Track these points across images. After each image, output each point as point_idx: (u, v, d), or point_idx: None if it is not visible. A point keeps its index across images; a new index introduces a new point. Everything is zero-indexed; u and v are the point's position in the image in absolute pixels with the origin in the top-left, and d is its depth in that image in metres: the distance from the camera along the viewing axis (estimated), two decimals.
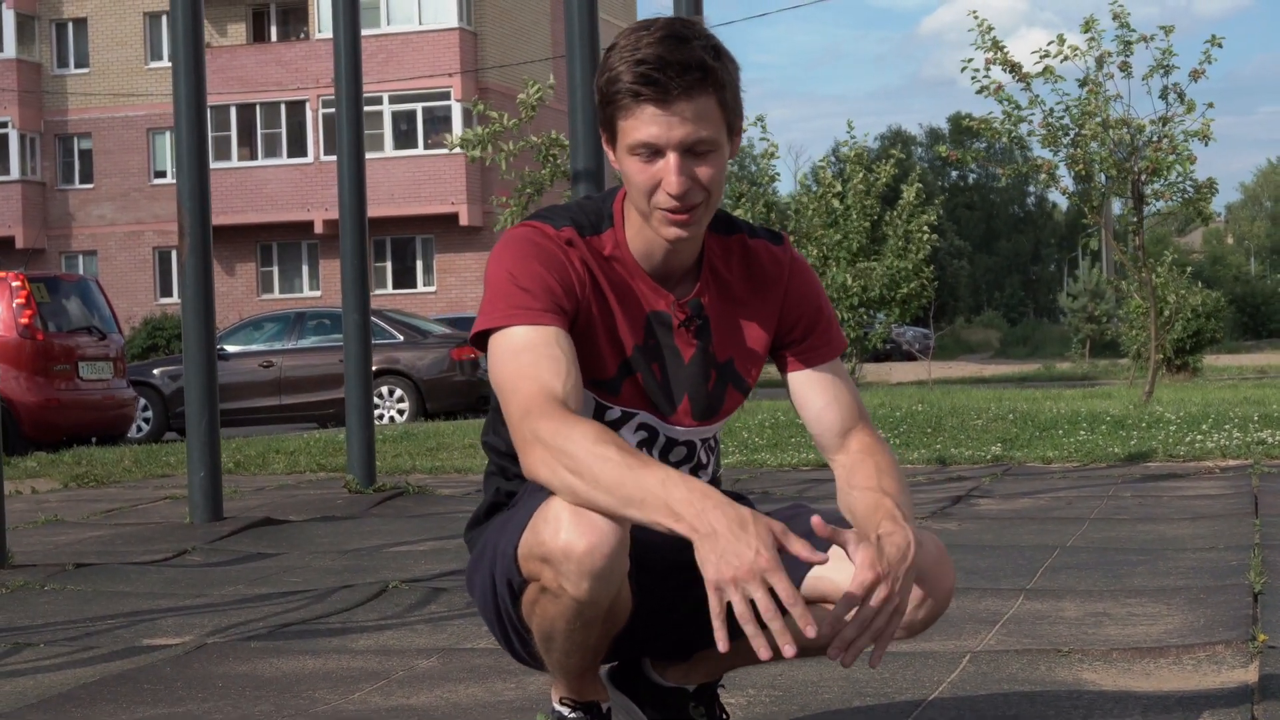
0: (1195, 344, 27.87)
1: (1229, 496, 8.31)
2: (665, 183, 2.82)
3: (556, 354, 2.81)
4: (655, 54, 2.77)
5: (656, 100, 2.78)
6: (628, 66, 2.79)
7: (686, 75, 2.77)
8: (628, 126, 2.82)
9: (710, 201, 2.87)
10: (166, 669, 4.46)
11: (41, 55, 46.30)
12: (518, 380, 2.79)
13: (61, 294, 17.64)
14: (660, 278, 2.99)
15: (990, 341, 65.28)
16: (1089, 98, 15.56)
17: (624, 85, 2.79)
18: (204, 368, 8.24)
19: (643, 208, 2.88)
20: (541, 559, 2.74)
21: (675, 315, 3.00)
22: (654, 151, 2.81)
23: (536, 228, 2.94)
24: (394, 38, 42.71)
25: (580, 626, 2.82)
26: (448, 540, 7.35)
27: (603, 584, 2.73)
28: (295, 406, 22.26)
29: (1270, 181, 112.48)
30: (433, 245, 44.22)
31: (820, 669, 4.06)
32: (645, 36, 2.80)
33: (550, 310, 2.84)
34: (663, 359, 3.00)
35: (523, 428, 2.74)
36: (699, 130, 2.80)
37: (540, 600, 2.82)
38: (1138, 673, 4.06)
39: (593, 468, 2.65)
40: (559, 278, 2.88)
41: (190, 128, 8.20)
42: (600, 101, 2.87)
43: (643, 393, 2.99)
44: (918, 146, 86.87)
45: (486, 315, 2.87)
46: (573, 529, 2.69)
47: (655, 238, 2.93)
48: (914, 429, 13.28)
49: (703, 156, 2.82)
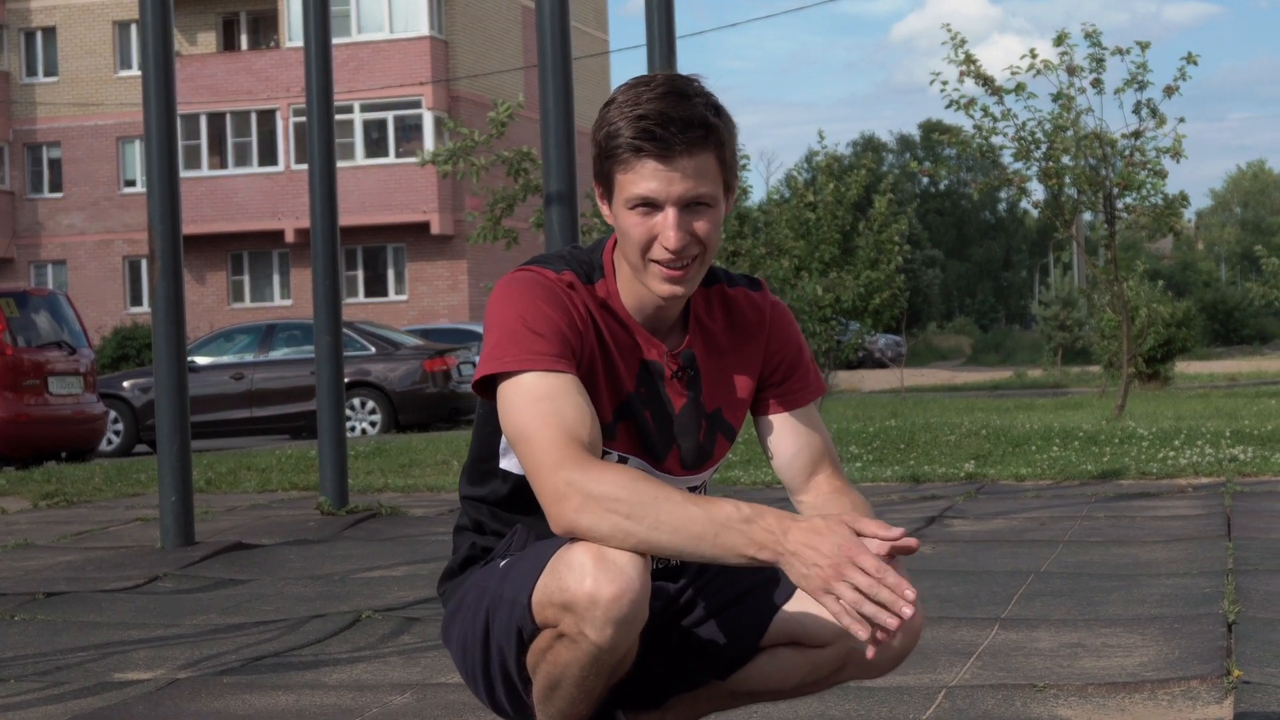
0: (1166, 353, 27.97)
1: (1202, 517, 8.33)
2: (663, 237, 2.82)
3: (578, 401, 2.80)
4: (657, 109, 2.78)
5: (658, 155, 2.79)
6: (628, 121, 2.79)
7: (689, 132, 2.79)
8: (626, 180, 2.82)
9: (704, 258, 2.89)
10: (138, 707, 4.43)
11: (10, 64, 46.11)
12: (541, 429, 2.76)
13: (31, 309, 17.55)
14: (650, 329, 3.00)
15: (962, 348, 65.43)
16: (1061, 112, 15.60)
17: (624, 140, 2.80)
18: (175, 390, 8.19)
19: (636, 262, 2.88)
20: (563, 605, 2.74)
21: (668, 366, 3.00)
22: (653, 206, 2.82)
23: (538, 272, 2.93)
24: (364, 46, 42.63)
25: (593, 674, 2.82)
26: (420, 565, 7.32)
27: (625, 631, 2.74)
28: (267, 419, 22.20)
29: (1240, 188, 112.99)
30: (404, 254, 44.15)
31: (795, 709, 4.04)
32: (645, 92, 2.81)
33: (564, 356, 2.83)
34: (655, 407, 3.00)
35: (556, 479, 2.73)
36: (699, 187, 2.81)
37: (554, 647, 2.81)
38: (1113, 709, 4.06)
39: (651, 509, 2.67)
40: (568, 323, 2.87)
41: (161, 151, 8.15)
42: (598, 155, 2.86)
43: (637, 439, 2.99)
44: (889, 154, 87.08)
45: (497, 359, 2.83)
46: (600, 575, 2.69)
47: (645, 291, 2.93)
48: (886, 445, 13.29)
49: (700, 212, 2.84)
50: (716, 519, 2.66)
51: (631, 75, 3.99)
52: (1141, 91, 15.42)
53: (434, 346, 22.98)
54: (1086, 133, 15.58)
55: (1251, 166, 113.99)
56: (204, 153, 43.81)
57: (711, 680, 3.13)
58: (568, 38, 7.70)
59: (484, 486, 3.09)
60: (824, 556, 2.60)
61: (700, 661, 3.10)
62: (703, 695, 3.18)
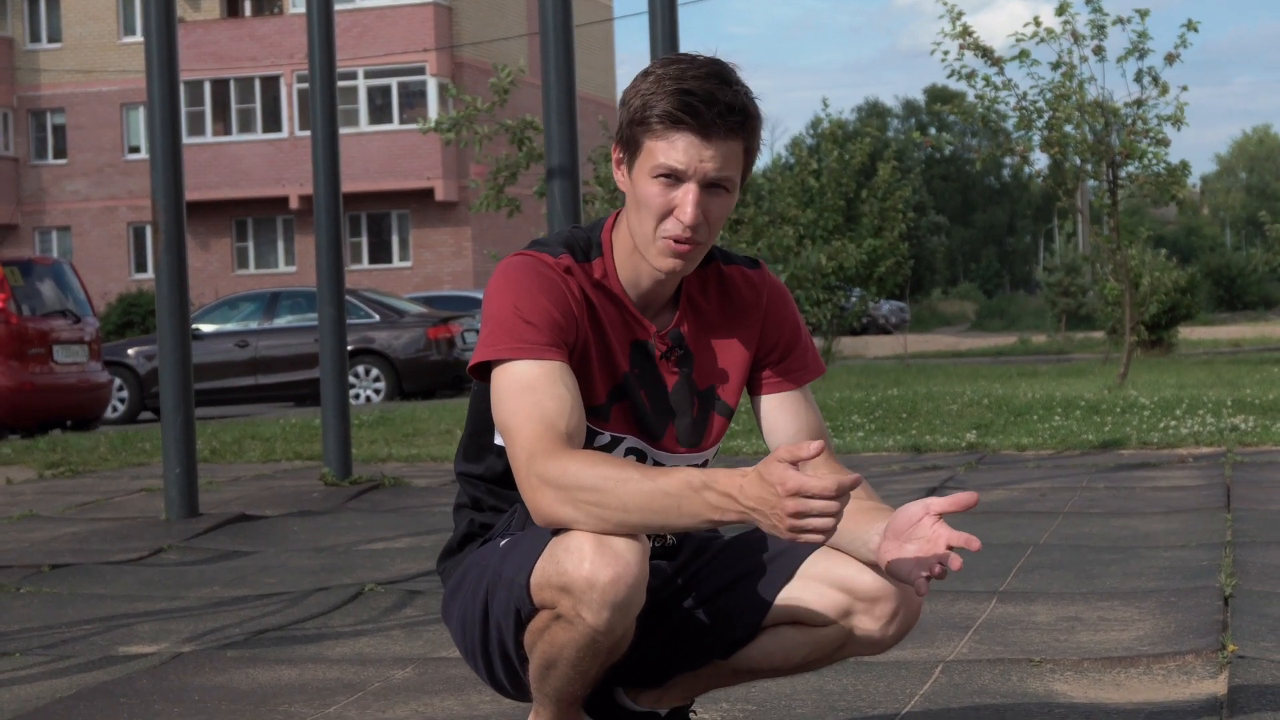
0: (1170, 319, 27.98)
1: (1202, 488, 8.36)
2: (680, 210, 2.87)
3: (561, 392, 2.85)
4: (704, 88, 2.84)
5: (697, 130, 2.84)
6: (670, 94, 2.84)
7: (730, 116, 2.85)
8: (657, 148, 2.87)
9: (709, 241, 2.94)
10: (142, 681, 4.46)
11: (14, 30, 46.03)
12: (523, 423, 2.83)
13: (35, 277, 17.57)
14: (642, 307, 3.04)
15: (966, 314, 65.40)
16: (1063, 81, 15.58)
17: (664, 109, 2.84)
18: (179, 363, 8.22)
19: (646, 232, 2.92)
20: (561, 588, 2.79)
21: (658, 346, 3.04)
22: (676, 179, 2.87)
23: (536, 257, 2.97)
24: (368, 12, 42.54)
25: (589, 655, 2.87)
26: (423, 537, 7.36)
27: (621, 614, 2.80)
28: (271, 386, 22.25)
29: (1245, 153, 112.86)
30: (408, 220, 44.13)
31: (793, 684, 4.08)
32: (690, 69, 2.86)
33: (554, 345, 2.88)
34: (649, 386, 3.05)
35: (529, 474, 2.80)
36: (724, 170, 2.88)
37: (551, 628, 2.86)
38: (1108, 683, 4.09)
39: (614, 491, 2.73)
40: (562, 310, 2.92)
41: (164, 126, 8.16)
42: (629, 120, 2.90)
43: (632, 418, 3.03)
44: (894, 119, 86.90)
45: (490, 346, 2.90)
46: (597, 559, 2.75)
47: (644, 266, 2.98)
48: (889, 415, 13.31)
49: (717, 195, 2.90)
50: (673, 492, 2.70)
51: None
52: (1142, 60, 15.41)
53: (438, 314, 23.01)
54: (1088, 101, 15.56)
55: (1257, 131, 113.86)
56: (208, 119, 43.76)
57: (714, 660, 3.18)
58: (569, 11, 7.70)
59: (480, 464, 3.13)
60: (772, 505, 2.62)
61: (703, 642, 3.15)
62: (704, 673, 3.22)
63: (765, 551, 3.12)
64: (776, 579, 3.08)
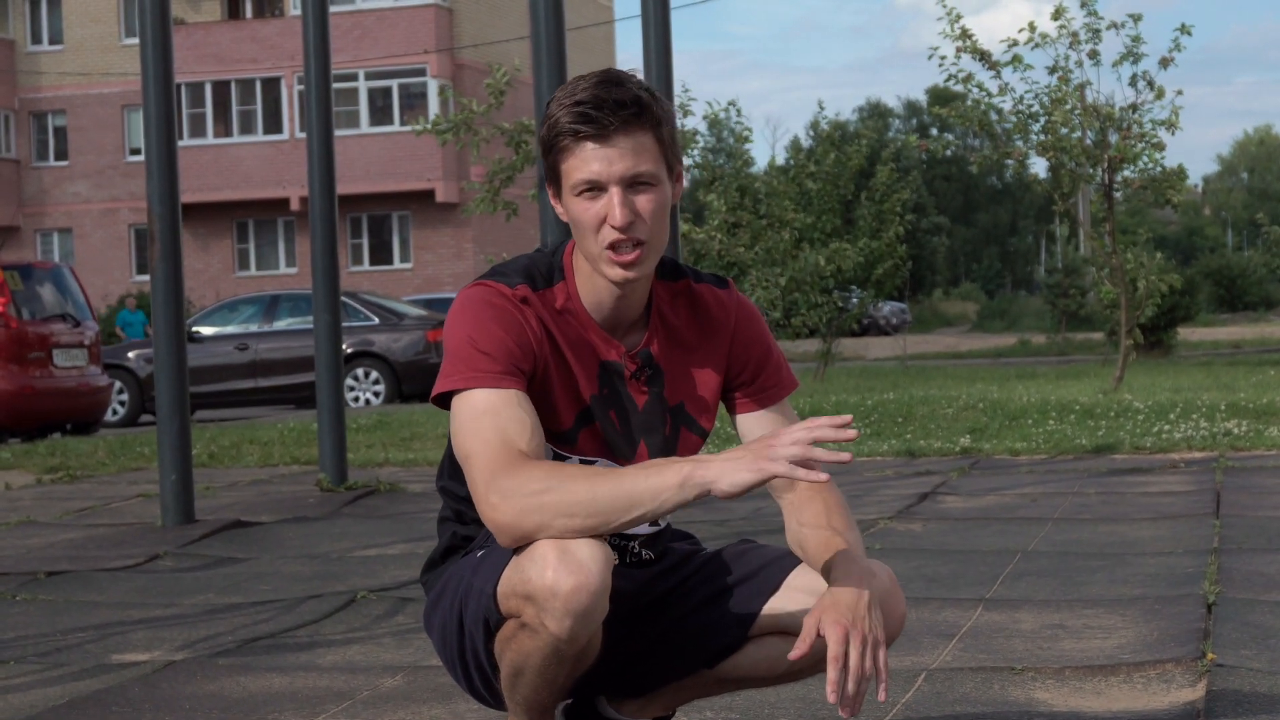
0: (1169, 320, 28.02)
1: (1192, 494, 8.39)
2: (610, 216, 2.91)
3: (519, 415, 2.90)
4: (591, 95, 2.90)
5: (595, 137, 2.89)
6: (565, 110, 2.91)
7: (622, 111, 2.89)
8: (570, 168, 2.92)
9: (654, 242, 2.96)
10: (135, 689, 4.51)
11: (15, 32, 46.10)
12: (480, 445, 2.87)
13: (35, 281, 17.64)
14: (610, 327, 3.07)
15: (968, 314, 65.46)
16: (1059, 85, 15.62)
17: (563, 127, 2.91)
18: (175, 371, 8.27)
19: (591, 249, 2.96)
20: (525, 596, 2.83)
21: (627, 366, 3.08)
22: (597, 188, 2.91)
23: (491, 287, 3.01)
24: (369, 14, 42.61)
25: (554, 663, 2.91)
26: (416, 543, 7.40)
27: (584, 623, 2.83)
28: (271, 389, 22.31)
29: (1247, 153, 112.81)
30: (409, 222, 44.20)
31: (777, 693, 4.12)
32: (580, 83, 2.93)
33: (510, 373, 2.93)
34: (619, 407, 3.08)
35: (489, 494, 2.84)
36: (638, 164, 2.91)
37: (517, 636, 2.91)
38: (1089, 692, 4.14)
39: (576, 481, 2.79)
40: (517, 339, 2.96)
41: (159, 134, 8.21)
42: (543, 153, 2.97)
43: (601, 440, 3.07)
44: (896, 119, 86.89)
45: (448, 377, 2.95)
46: (560, 568, 2.78)
47: (604, 284, 3.01)
48: (884, 419, 13.35)
49: (643, 191, 2.93)
50: (640, 482, 2.77)
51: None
52: (1137, 64, 15.45)
53: (437, 317, 23.06)
54: (1084, 106, 15.60)
55: (1258, 131, 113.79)
56: (209, 121, 43.83)
57: (700, 669, 3.23)
58: (561, 13, 7.71)
59: (461, 480, 3.18)
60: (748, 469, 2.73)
61: (689, 652, 3.19)
62: (689, 683, 3.27)
63: (751, 564, 3.17)
64: (762, 590, 3.13)
